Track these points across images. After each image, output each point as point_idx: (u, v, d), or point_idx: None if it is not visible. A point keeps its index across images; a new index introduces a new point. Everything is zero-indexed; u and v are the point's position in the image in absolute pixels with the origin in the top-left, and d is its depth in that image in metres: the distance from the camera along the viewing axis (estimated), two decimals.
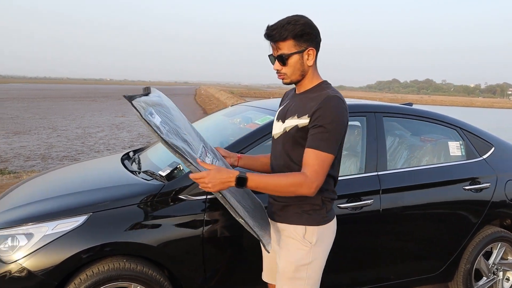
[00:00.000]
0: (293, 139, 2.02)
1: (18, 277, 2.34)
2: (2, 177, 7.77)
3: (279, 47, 1.96)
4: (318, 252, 2.07)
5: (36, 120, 19.60)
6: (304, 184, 1.86)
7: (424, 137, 3.51)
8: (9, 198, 3.01)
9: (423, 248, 3.18)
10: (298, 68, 1.99)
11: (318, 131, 1.90)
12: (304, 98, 2.03)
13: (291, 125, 2.02)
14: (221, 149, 2.38)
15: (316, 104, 1.93)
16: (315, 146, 1.89)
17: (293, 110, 2.04)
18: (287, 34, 1.92)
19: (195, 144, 2.07)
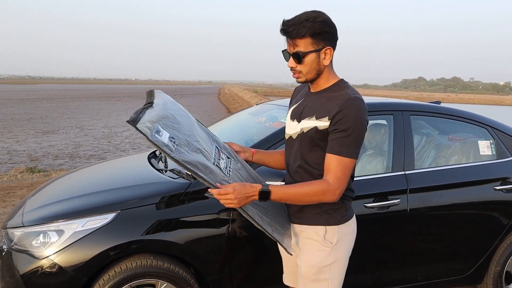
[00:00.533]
0: (310, 141, 1.95)
1: (49, 272, 2.41)
2: (33, 175, 7.99)
3: (296, 44, 1.88)
4: (340, 252, 2.02)
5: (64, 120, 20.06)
6: (328, 192, 1.84)
7: (452, 136, 3.44)
8: (40, 195, 3.09)
9: (451, 249, 3.12)
10: (314, 67, 1.91)
11: (340, 135, 1.84)
12: (321, 98, 1.95)
13: (309, 126, 1.94)
14: (234, 144, 2.32)
15: (336, 105, 1.85)
16: (337, 151, 1.84)
17: (310, 110, 1.97)
18: (305, 31, 1.84)
19: (207, 149, 2.04)
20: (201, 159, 1.90)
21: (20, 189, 6.83)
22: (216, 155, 2.05)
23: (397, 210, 2.85)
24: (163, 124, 1.90)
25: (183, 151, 1.85)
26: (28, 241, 2.49)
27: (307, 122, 1.95)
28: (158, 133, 1.82)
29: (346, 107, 1.84)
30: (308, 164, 1.98)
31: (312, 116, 1.94)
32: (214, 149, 2.09)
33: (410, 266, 3.03)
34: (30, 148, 12.01)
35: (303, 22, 1.84)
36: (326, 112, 1.88)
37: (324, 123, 1.88)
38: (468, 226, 3.12)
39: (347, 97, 1.86)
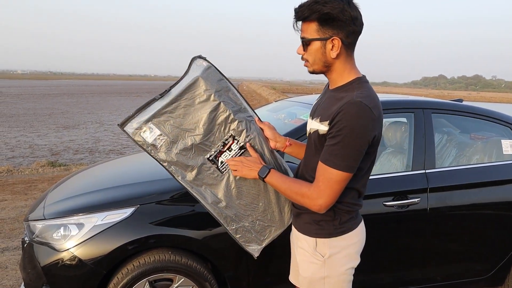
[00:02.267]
0: (314, 144, 1.79)
1: (69, 264, 2.44)
2: (53, 169, 8.12)
3: (303, 29, 1.70)
4: (336, 266, 1.83)
5: (84, 115, 20.34)
6: (306, 198, 1.72)
7: (474, 135, 3.37)
8: (60, 189, 3.14)
9: (472, 250, 3.07)
10: (320, 57, 1.70)
11: (330, 143, 1.64)
12: (332, 97, 1.75)
13: (314, 128, 1.77)
14: (268, 130, 2.05)
15: (339, 111, 1.62)
16: (324, 159, 1.66)
17: (320, 110, 1.78)
18: (309, 14, 1.64)
19: (210, 141, 1.97)
20: (189, 156, 1.96)
21: (42, 182, 6.96)
22: (222, 146, 1.97)
23: (417, 209, 2.81)
24: (157, 120, 1.93)
25: (168, 150, 1.95)
26: (49, 233, 2.53)
27: (314, 122, 1.78)
28: (144, 132, 1.94)
29: (342, 111, 1.60)
30: (309, 167, 1.84)
31: (319, 117, 1.75)
32: (224, 139, 1.97)
33: (429, 265, 2.99)
34: (51, 142, 12.22)
35: (312, 4, 1.63)
36: (328, 115, 1.68)
37: (324, 127, 1.69)
38: (490, 227, 3.06)
39: (348, 100, 1.62)
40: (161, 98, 1.94)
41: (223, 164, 1.99)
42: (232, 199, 2.03)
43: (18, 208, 5.60)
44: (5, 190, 6.49)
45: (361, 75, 1.77)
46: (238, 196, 2.03)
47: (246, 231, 2.10)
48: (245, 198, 2.04)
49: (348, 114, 1.59)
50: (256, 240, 2.12)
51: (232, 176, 2.01)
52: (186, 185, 2.00)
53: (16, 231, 4.76)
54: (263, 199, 2.06)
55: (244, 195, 2.04)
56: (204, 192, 2.01)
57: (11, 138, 12.76)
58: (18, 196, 6.17)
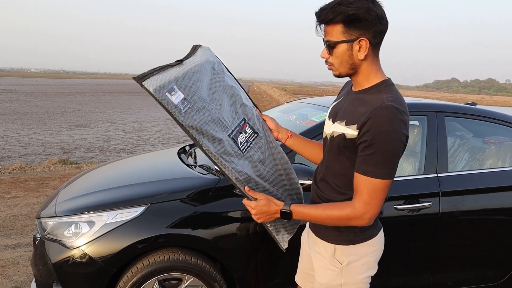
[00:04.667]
0: (338, 148, 1.72)
1: (80, 262, 2.46)
2: (65, 167, 8.20)
3: (327, 32, 1.64)
4: (353, 274, 1.78)
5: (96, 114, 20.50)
6: (354, 218, 1.62)
7: (487, 139, 3.33)
8: (72, 187, 3.16)
9: (484, 255, 3.03)
10: (346, 60, 1.65)
11: (367, 152, 1.57)
12: (357, 100, 1.69)
13: (338, 131, 1.70)
14: (269, 120, 2.10)
15: (366, 112, 1.58)
16: (363, 171, 1.59)
17: (343, 113, 1.72)
18: (334, 16, 1.58)
19: (228, 119, 1.91)
20: (213, 128, 1.81)
21: (53, 180, 7.03)
22: (239, 127, 1.93)
23: (429, 213, 2.78)
24: (181, 84, 1.78)
25: (193, 116, 1.76)
26: (60, 231, 2.55)
27: (337, 126, 1.72)
28: (169, 92, 1.73)
29: (374, 116, 1.55)
30: (331, 171, 1.78)
31: (343, 120, 1.69)
32: (239, 121, 1.95)
33: (440, 270, 2.95)
34: (63, 140, 12.33)
35: (335, 6, 1.58)
36: (356, 118, 1.62)
37: (352, 131, 1.63)
38: (502, 233, 3.02)
39: (379, 104, 1.56)
40: (178, 65, 1.84)
41: (243, 145, 1.91)
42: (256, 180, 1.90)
43: (30, 205, 5.66)
44: (18, 187, 6.56)
45: (387, 77, 1.72)
46: (261, 177, 1.91)
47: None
48: (269, 180, 1.94)
49: (381, 119, 1.54)
50: (284, 227, 1.96)
51: (255, 156, 1.93)
52: (213, 157, 1.78)
53: (27, 228, 4.81)
54: (287, 180, 2.02)
55: (268, 177, 1.94)
56: (230, 167, 1.82)
57: (24, 136, 12.90)
58: (30, 193, 6.23)
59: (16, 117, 18.04)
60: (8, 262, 3.95)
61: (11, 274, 3.72)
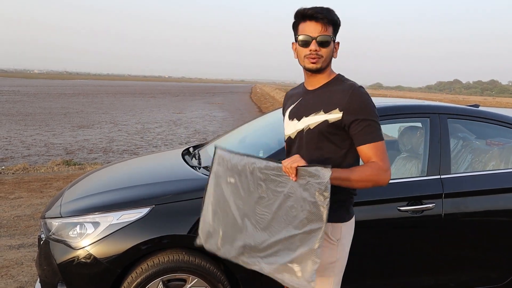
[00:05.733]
0: (319, 135, 1.94)
1: (84, 262, 2.48)
2: (68, 168, 8.23)
3: (323, 29, 1.90)
4: (343, 250, 2.01)
5: (99, 115, 20.55)
6: (382, 173, 1.85)
7: (490, 141, 3.34)
8: (77, 187, 3.18)
9: (487, 257, 3.03)
10: (330, 56, 1.96)
11: (365, 124, 1.87)
12: (325, 92, 1.97)
13: (317, 121, 1.94)
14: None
15: (345, 96, 1.89)
16: (371, 139, 1.87)
17: (315, 106, 1.97)
18: (335, 19, 1.92)
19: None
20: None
21: (57, 181, 7.05)
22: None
23: (432, 214, 2.79)
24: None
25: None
26: (65, 231, 2.57)
27: (313, 118, 1.95)
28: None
29: (356, 96, 1.89)
30: (320, 159, 1.95)
31: (319, 111, 1.94)
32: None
33: (443, 272, 2.96)
34: (66, 141, 12.37)
35: (331, 11, 1.92)
36: (335, 104, 1.90)
37: (336, 115, 1.89)
38: (505, 234, 3.02)
39: (354, 87, 1.91)
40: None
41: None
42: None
43: (33, 205, 5.68)
44: (21, 187, 6.59)
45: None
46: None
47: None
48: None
49: (363, 97, 1.89)
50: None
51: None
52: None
53: (31, 228, 4.83)
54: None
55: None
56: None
57: (27, 137, 12.94)
58: (33, 193, 6.26)
59: (19, 118, 18.10)
60: (12, 262, 3.97)
61: (15, 274, 3.74)
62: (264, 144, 3.36)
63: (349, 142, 1.95)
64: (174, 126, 17.24)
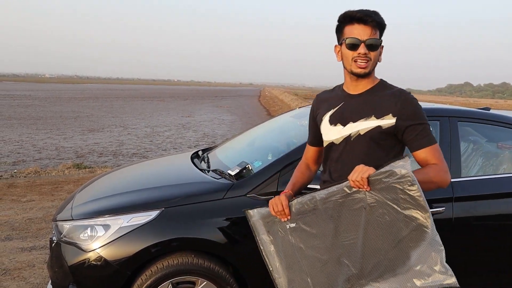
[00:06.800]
0: (370, 141, 1.93)
1: (95, 265, 2.50)
2: (79, 171, 8.29)
3: (371, 32, 1.88)
4: None
5: (108, 119, 20.69)
6: (444, 172, 1.88)
7: (502, 144, 3.31)
8: (88, 190, 3.21)
9: (498, 261, 3.00)
10: (376, 61, 1.95)
11: (420, 128, 1.90)
12: (373, 97, 1.95)
13: (369, 126, 1.92)
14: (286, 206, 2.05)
15: (397, 101, 1.90)
16: (427, 142, 1.90)
17: (362, 112, 1.94)
18: (382, 22, 1.90)
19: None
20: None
21: (67, 184, 7.11)
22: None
23: (442, 218, 2.77)
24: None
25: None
26: (76, 234, 2.60)
27: (363, 123, 1.93)
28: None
29: (410, 101, 1.91)
30: (368, 164, 1.85)
31: (370, 116, 1.92)
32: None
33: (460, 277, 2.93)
34: (76, 145, 12.46)
35: (378, 14, 1.90)
36: (387, 109, 1.91)
37: (389, 121, 1.90)
38: None
39: (405, 92, 1.94)
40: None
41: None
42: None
43: (45, 208, 5.74)
44: (33, 190, 6.65)
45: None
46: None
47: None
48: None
49: (413, 103, 1.92)
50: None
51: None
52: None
53: (43, 231, 4.88)
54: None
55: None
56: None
57: (38, 140, 13.07)
58: (45, 196, 6.32)
59: (30, 121, 18.28)
60: (24, 264, 4.01)
61: (27, 276, 3.78)
62: (273, 147, 3.37)
63: (397, 149, 1.97)
64: (183, 129, 17.30)
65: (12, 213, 5.51)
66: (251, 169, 2.78)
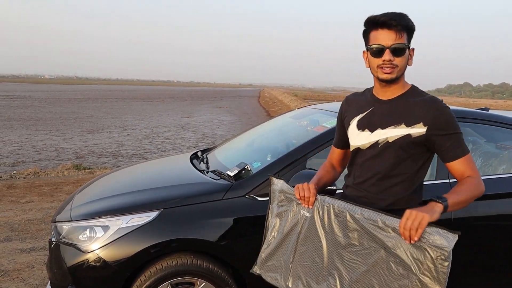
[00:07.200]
0: (399, 149, 1.88)
1: (94, 266, 2.49)
2: (78, 172, 8.29)
3: (397, 37, 1.81)
4: None
5: (108, 120, 20.69)
6: (481, 185, 1.87)
7: (501, 144, 3.31)
8: (87, 192, 3.21)
9: (497, 261, 3.00)
10: (405, 65, 1.87)
11: (455, 138, 1.86)
12: (403, 104, 1.90)
13: (398, 134, 1.87)
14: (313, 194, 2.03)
15: (428, 110, 1.84)
16: (461, 152, 1.87)
17: (392, 119, 1.89)
18: (409, 25, 1.82)
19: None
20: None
21: (67, 185, 7.11)
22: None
23: (441, 218, 2.74)
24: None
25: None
26: (75, 235, 2.60)
27: (392, 130, 1.88)
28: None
29: (442, 110, 1.85)
30: (392, 174, 1.91)
31: (400, 124, 1.87)
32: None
33: (453, 276, 2.93)
34: (76, 146, 12.46)
35: (405, 16, 1.83)
36: (418, 118, 1.85)
37: (419, 129, 1.84)
38: None
39: (437, 100, 1.88)
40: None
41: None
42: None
43: (44, 209, 5.73)
44: (32, 191, 6.65)
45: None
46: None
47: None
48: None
49: (446, 112, 1.85)
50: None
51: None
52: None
53: (42, 232, 4.88)
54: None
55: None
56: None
57: (38, 141, 13.06)
58: (44, 197, 6.32)
59: (30, 122, 18.28)
60: (24, 265, 4.01)
61: (26, 278, 3.77)
62: (273, 148, 3.37)
63: (424, 158, 1.93)
64: (183, 130, 17.30)
65: (11, 214, 5.50)
66: (250, 169, 2.78)
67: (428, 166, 1.98)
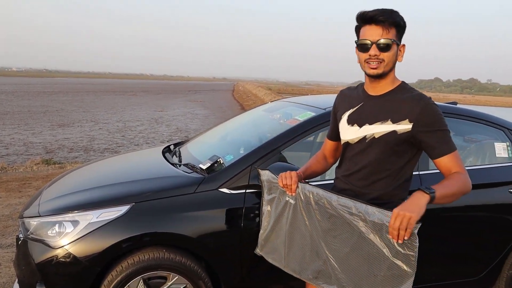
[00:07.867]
0: (384, 145, 1.92)
1: (64, 262, 2.44)
2: (48, 167, 8.10)
3: (384, 32, 1.85)
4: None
5: (79, 113, 20.28)
6: (468, 182, 1.88)
7: (468, 137, 3.40)
8: (56, 186, 3.14)
9: (464, 251, 3.09)
10: (393, 60, 1.89)
11: (441, 135, 1.88)
12: (391, 101, 1.93)
13: (384, 130, 1.91)
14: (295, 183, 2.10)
15: (415, 106, 1.86)
16: (448, 149, 1.89)
17: (379, 115, 1.94)
18: (398, 20, 1.85)
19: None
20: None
21: (36, 180, 6.94)
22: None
23: None
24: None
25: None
26: (43, 230, 2.54)
27: (379, 126, 1.92)
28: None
29: (430, 107, 1.87)
30: (377, 169, 1.96)
31: (386, 120, 1.91)
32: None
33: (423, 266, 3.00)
34: (45, 140, 12.17)
35: (394, 12, 1.85)
36: (404, 114, 1.88)
37: (405, 126, 1.87)
38: (482, 229, 3.08)
39: (425, 97, 1.89)
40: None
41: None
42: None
43: (12, 205, 5.58)
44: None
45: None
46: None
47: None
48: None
49: (433, 109, 1.87)
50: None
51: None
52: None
53: (9, 229, 4.75)
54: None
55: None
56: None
57: (5, 136, 12.70)
58: (12, 193, 6.15)
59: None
60: None
61: None
62: (245, 141, 3.37)
63: (410, 155, 1.96)
64: (156, 124, 17.12)
65: None
66: (222, 163, 2.78)
67: (415, 162, 2.01)
